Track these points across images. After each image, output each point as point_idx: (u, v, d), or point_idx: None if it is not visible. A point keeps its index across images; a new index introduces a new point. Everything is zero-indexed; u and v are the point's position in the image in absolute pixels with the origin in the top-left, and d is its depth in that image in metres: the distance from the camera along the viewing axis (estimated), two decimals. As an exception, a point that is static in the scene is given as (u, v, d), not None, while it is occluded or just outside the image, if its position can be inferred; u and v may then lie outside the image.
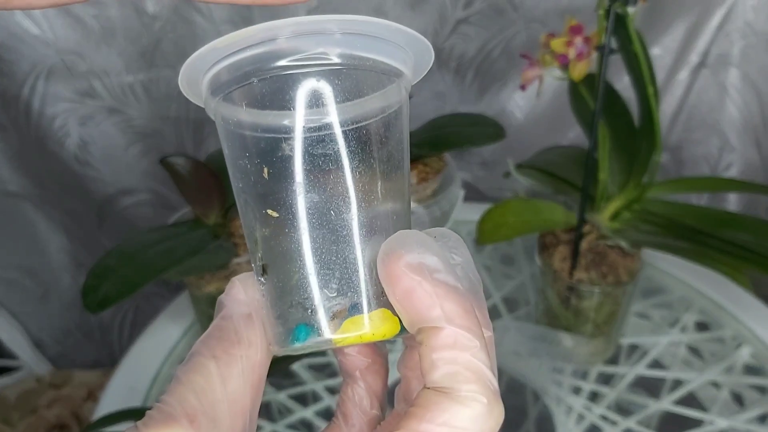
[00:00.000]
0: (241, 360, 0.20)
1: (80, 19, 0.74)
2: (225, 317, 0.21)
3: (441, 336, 0.18)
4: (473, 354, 0.18)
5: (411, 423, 0.18)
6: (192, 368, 0.19)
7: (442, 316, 0.18)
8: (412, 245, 0.20)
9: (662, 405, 0.58)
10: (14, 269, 0.91)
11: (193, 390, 0.19)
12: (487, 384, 0.18)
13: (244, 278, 0.22)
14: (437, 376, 0.18)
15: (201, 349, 0.20)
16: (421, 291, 0.19)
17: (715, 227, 0.56)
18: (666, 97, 0.85)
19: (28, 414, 0.88)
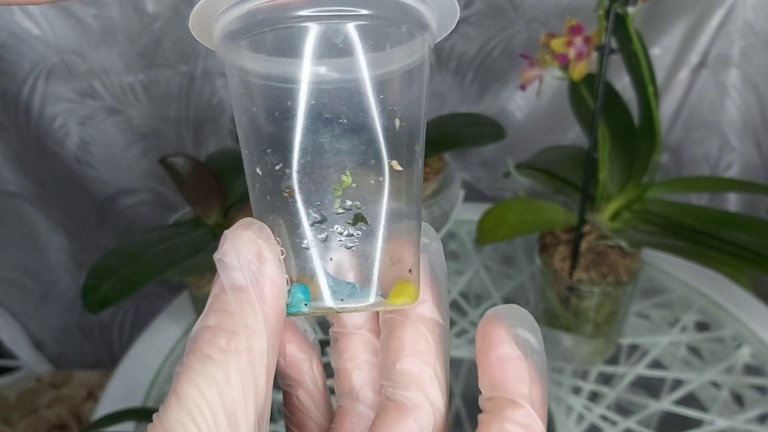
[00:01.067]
0: (238, 356, 0.18)
1: (80, 19, 0.74)
2: (217, 295, 0.18)
3: (519, 413, 0.19)
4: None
5: None
6: (186, 375, 0.17)
7: (528, 396, 0.19)
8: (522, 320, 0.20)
9: (662, 405, 0.58)
10: (14, 269, 0.91)
11: (188, 410, 0.17)
12: None
13: (234, 233, 0.19)
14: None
15: (194, 345, 0.18)
16: (520, 365, 0.19)
17: (715, 227, 0.56)
18: (666, 97, 0.85)
19: (28, 414, 0.88)
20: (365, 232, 0.19)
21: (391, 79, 0.20)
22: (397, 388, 0.21)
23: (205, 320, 0.18)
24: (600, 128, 0.54)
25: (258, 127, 0.20)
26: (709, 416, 0.57)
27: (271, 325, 0.18)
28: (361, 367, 0.23)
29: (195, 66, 0.80)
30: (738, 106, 0.84)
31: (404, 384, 0.21)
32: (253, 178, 0.20)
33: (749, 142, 0.86)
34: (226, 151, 0.67)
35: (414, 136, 0.21)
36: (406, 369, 0.21)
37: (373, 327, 0.23)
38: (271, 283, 0.18)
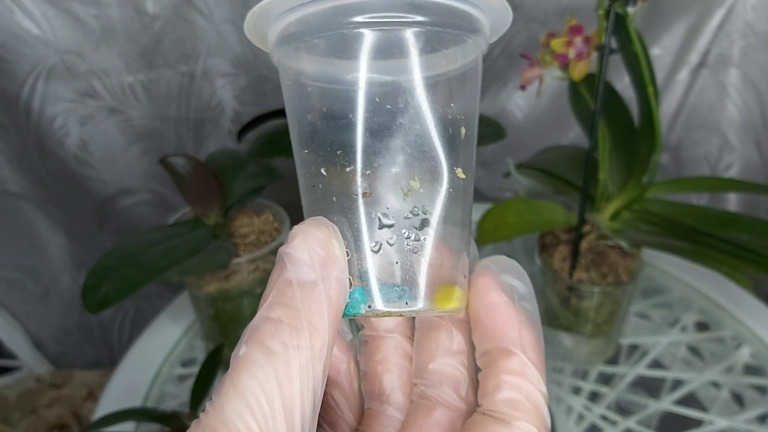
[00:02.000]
0: (300, 353, 0.17)
1: (80, 19, 0.74)
2: (286, 284, 0.18)
3: (512, 361, 0.19)
4: (537, 387, 0.19)
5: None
6: (245, 367, 0.17)
7: (518, 341, 0.19)
8: (508, 268, 0.20)
9: (662, 405, 0.58)
10: (14, 269, 0.91)
11: (247, 403, 0.17)
12: (544, 420, 0.19)
13: (306, 231, 0.19)
14: (499, 398, 0.18)
15: (255, 336, 0.18)
16: (507, 310, 0.19)
17: (715, 227, 0.56)
18: (666, 97, 0.85)
19: (28, 414, 0.88)
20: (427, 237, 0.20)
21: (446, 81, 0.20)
22: (429, 386, 0.21)
23: (269, 312, 0.18)
24: (600, 128, 0.54)
25: (322, 129, 0.20)
26: (709, 416, 0.57)
27: (332, 324, 0.18)
28: (392, 369, 0.23)
29: (195, 66, 0.80)
30: (738, 106, 0.84)
31: (437, 383, 0.21)
32: (314, 178, 0.20)
33: (749, 142, 0.86)
34: (226, 151, 0.67)
35: (474, 143, 0.21)
36: (439, 369, 0.21)
37: (403, 331, 0.23)
38: (338, 283, 0.18)
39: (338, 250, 0.19)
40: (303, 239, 0.18)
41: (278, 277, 0.18)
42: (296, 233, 0.19)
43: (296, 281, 0.18)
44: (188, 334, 0.65)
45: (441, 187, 0.20)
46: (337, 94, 0.19)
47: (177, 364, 0.62)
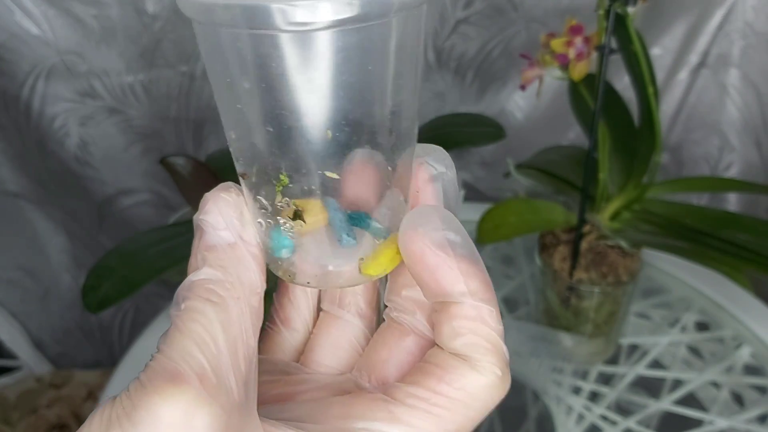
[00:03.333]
0: (237, 302, 0.18)
1: (80, 19, 0.74)
2: (209, 248, 0.19)
3: (464, 308, 0.19)
4: (493, 327, 0.19)
5: (430, 381, 0.19)
6: (188, 315, 0.18)
7: (466, 291, 0.19)
8: (435, 221, 0.19)
9: (662, 405, 0.58)
10: (14, 269, 0.91)
11: (194, 341, 0.17)
12: (503, 357, 0.19)
13: (216, 196, 0.20)
14: (458, 344, 0.19)
15: (192, 293, 0.18)
16: (446, 267, 0.19)
17: (715, 227, 0.56)
18: (666, 97, 0.85)
19: (29, 414, 0.88)
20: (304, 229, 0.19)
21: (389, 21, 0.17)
22: (403, 312, 0.21)
23: (200, 274, 0.19)
24: (600, 128, 0.54)
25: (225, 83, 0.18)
26: (709, 416, 0.57)
27: (260, 275, 0.20)
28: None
29: (195, 66, 0.80)
30: (738, 106, 0.84)
31: (410, 310, 0.21)
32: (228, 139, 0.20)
33: (749, 142, 0.86)
34: (226, 151, 0.67)
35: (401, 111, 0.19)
36: (414, 296, 0.21)
37: None
38: (252, 238, 0.20)
39: (246, 211, 0.20)
40: (214, 204, 0.20)
41: (199, 243, 0.19)
42: (207, 199, 0.20)
43: (218, 244, 0.19)
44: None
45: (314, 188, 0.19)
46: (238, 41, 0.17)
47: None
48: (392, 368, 0.21)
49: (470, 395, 0.19)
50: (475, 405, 0.19)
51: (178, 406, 0.16)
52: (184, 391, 0.17)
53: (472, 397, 0.19)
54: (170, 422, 0.16)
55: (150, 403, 0.16)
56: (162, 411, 0.16)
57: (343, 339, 0.23)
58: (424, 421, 0.18)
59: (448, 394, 0.18)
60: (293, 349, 0.24)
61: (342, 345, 0.23)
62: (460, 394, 0.18)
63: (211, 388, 0.17)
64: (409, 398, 0.19)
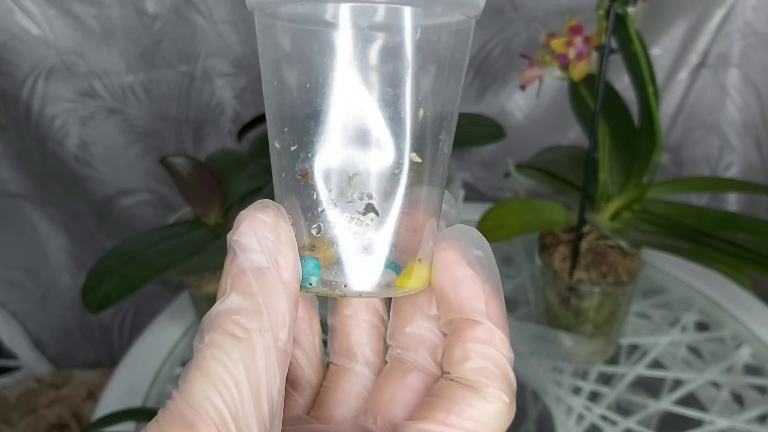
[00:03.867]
0: (263, 335, 0.17)
1: (80, 20, 0.74)
2: (240, 273, 0.18)
3: (479, 330, 0.19)
4: (504, 354, 0.19)
5: (439, 415, 0.18)
6: (211, 352, 0.17)
7: (484, 311, 0.19)
8: (471, 238, 0.20)
9: (662, 405, 0.58)
10: (14, 269, 0.91)
11: (214, 385, 0.17)
12: (510, 385, 0.19)
13: (252, 216, 0.19)
14: (468, 366, 0.19)
15: (219, 324, 0.18)
16: (472, 283, 0.19)
17: (715, 227, 0.56)
18: (666, 97, 0.85)
19: (29, 414, 0.88)
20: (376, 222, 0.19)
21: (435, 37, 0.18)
22: (405, 349, 0.21)
23: (226, 301, 0.18)
24: (600, 128, 0.54)
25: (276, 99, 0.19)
26: (709, 416, 0.57)
27: (290, 304, 0.18)
28: (362, 325, 0.23)
29: (195, 66, 0.80)
30: (738, 107, 0.84)
31: (413, 347, 0.21)
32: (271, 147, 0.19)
33: (749, 142, 0.86)
34: (226, 151, 0.67)
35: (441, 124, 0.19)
36: (416, 333, 0.21)
37: None
38: (289, 263, 0.19)
39: (286, 232, 0.19)
40: (249, 224, 0.18)
41: (230, 265, 0.18)
42: (242, 219, 0.19)
43: (249, 268, 0.18)
44: (188, 334, 0.65)
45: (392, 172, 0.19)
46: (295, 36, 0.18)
47: (177, 364, 0.62)
48: (398, 408, 0.21)
49: (480, 424, 0.18)
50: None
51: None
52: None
53: (482, 426, 0.18)
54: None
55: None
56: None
57: (353, 390, 0.23)
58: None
59: (458, 425, 0.18)
60: (304, 406, 0.23)
61: (351, 396, 0.23)
62: (469, 425, 0.18)
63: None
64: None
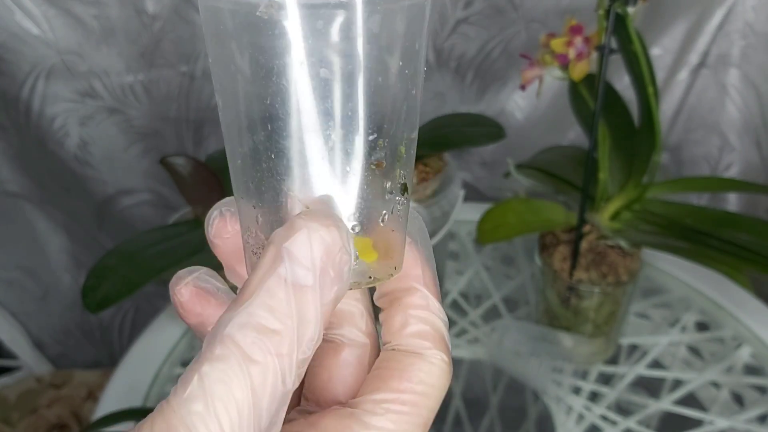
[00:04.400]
0: (280, 360, 0.16)
1: (80, 20, 0.74)
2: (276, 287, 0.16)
3: (416, 296, 0.20)
4: (440, 318, 0.20)
5: (392, 383, 0.20)
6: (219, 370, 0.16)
7: (421, 278, 0.20)
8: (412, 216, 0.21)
9: (662, 405, 0.58)
10: (14, 269, 0.91)
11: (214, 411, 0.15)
12: (447, 346, 0.20)
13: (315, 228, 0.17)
14: (408, 331, 0.20)
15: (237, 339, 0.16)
16: (410, 251, 0.20)
17: (715, 227, 0.56)
18: (666, 97, 0.85)
19: (29, 414, 0.88)
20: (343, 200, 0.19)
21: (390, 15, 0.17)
22: (332, 328, 0.22)
23: (253, 313, 0.16)
24: (600, 128, 0.54)
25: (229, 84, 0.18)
26: (709, 416, 0.57)
27: (320, 328, 0.17)
28: None
29: (195, 66, 0.80)
30: (738, 107, 0.84)
31: (338, 324, 0.22)
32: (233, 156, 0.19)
33: (749, 142, 0.86)
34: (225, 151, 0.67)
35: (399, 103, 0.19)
36: (336, 310, 0.21)
37: None
38: (334, 287, 0.17)
39: (341, 253, 0.17)
40: (307, 237, 0.17)
41: (269, 270, 0.17)
42: (300, 227, 0.17)
43: (291, 282, 0.16)
44: (188, 334, 0.65)
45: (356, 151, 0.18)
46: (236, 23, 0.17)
47: (177, 364, 0.62)
48: (338, 386, 0.21)
49: (428, 386, 0.20)
50: (433, 393, 0.20)
51: None
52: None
53: (431, 388, 0.20)
54: None
55: None
56: None
57: None
58: (395, 423, 0.19)
59: (411, 390, 0.19)
60: None
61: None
62: (421, 388, 0.19)
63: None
64: (378, 406, 0.19)
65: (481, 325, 0.67)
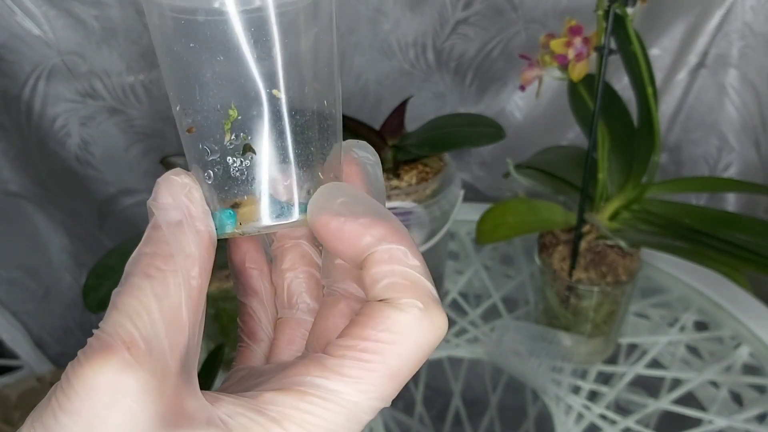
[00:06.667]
0: (175, 275, 0.19)
1: (81, 20, 0.74)
2: (154, 227, 0.20)
3: (376, 254, 0.20)
4: (408, 265, 0.20)
5: (355, 330, 0.19)
6: (126, 291, 0.19)
7: (372, 241, 0.20)
8: (336, 196, 0.21)
9: (661, 404, 0.58)
10: (15, 269, 0.91)
11: (128, 315, 0.18)
12: (426, 291, 0.20)
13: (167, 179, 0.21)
14: (377, 289, 0.20)
15: (133, 269, 0.20)
16: (348, 229, 0.20)
17: (714, 227, 0.56)
18: (665, 98, 0.86)
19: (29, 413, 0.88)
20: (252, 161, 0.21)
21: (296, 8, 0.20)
22: (334, 282, 0.23)
23: (143, 248, 0.20)
24: (599, 128, 0.55)
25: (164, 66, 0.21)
26: (708, 416, 0.57)
27: (204, 251, 0.20)
28: (299, 276, 0.25)
29: (195, 66, 0.80)
30: (737, 107, 0.85)
31: (341, 277, 0.23)
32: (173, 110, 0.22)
33: (748, 143, 0.86)
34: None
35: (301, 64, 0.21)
36: (341, 264, 0.23)
37: (310, 238, 0.25)
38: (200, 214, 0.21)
39: (194, 189, 0.21)
40: (165, 187, 0.21)
41: (150, 225, 0.21)
42: (158, 184, 0.21)
43: (164, 222, 0.20)
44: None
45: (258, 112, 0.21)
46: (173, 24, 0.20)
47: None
48: (332, 334, 0.22)
49: (397, 335, 0.19)
50: (404, 344, 0.19)
51: (106, 374, 0.18)
52: (110, 358, 0.18)
53: (400, 337, 0.19)
54: (99, 389, 0.17)
55: (81, 375, 0.18)
56: (91, 380, 0.18)
57: (296, 335, 0.25)
58: (356, 369, 0.19)
59: (373, 338, 0.19)
60: (262, 356, 0.25)
61: (296, 340, 0.25)
62: (385, 336, 0.19)
63: (140, 355, 0.18)
64: (340, 350, 0.19)
65: (480, 325, 0.67)
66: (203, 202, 0.21)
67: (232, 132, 0.21)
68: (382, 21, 0.82)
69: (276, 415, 0.19)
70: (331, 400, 0.19)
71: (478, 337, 0.66)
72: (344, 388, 0.19)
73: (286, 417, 0.19)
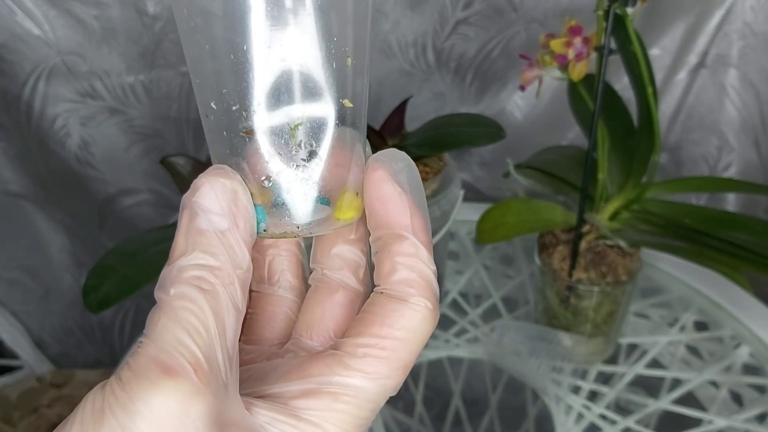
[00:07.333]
0: (224, 288, 0.19)
1: (81, 20, 0.74)
2: (199, 232, 0.19)
3: (405, 244, 0.21)
4: (428, 266, 0.21)
5: (373, 328, 0.20)
6: (181, 303, 0.18)
7: (410, 227, 0.21)
8: (400, 162, 0.22)
9: (661, 404, 0.58)
10: (15, 269, 0.91)
11: (187, 332, 0.18)
12: (435, 293, 0.21)
13: (214, 181, 0.20)
14: (395, 278, 0.21)
15: (183, 276, 0.19)
16: (400, 200, 0.21)
17: (714, 227, 0.56)
18: (665, 98, 0.86)
19: (29, 413, 0.88)
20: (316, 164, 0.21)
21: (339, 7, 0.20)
22: (330, 269, 0.24)
23: (190, 259, 0.19)
24: (599, 128, 0.55)
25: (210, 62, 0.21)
26: (708, 416, 0.57)
27: (247, 264, 0.20)
28: (282, 254, 0.25)
29: (195, 66, 0.80)
30: (737, 107, 0.85)
31: (338, 267, 0.23)
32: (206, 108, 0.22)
33: (748, 143, 0.86)
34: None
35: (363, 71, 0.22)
36: (340, 254, 0.23)
37: None
38: (247, 225, 0.20)
39: (243, 195, 0.20)
40: (210, 188, 0.20)
41: (189, 226, 0.20)
42: (202, 182, 0.20)
43: (208, 229, 0.19)
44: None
45: (328, 120, 0.21)
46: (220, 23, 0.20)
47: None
48: (329, 322, 0.23)
49: (410, 331, 0.20)
50: (415, 339, 0.21)
51: (175, 398, 0.17)
52: (180, 383, 0.17)
53: (412, 333, 0.21)
54: (167, 413, 0.17)
55: (146, 395, 0.17)
56: (158, 403, 0.17)
57: (278, 312, 0.25)
58: (375, 366, 0.20)
59: (392, 336, 0.20)
60: None
61: (278, 318, 0.25)
62: (401, 333, 0.20)
63: (204, 378, 0.17)
64: (359, 348, 0.20)
65: (480, 325, 0.67)
66: (251, 206, 0.21)
67: (298, 137, 0.21)
68: (382, 21, 0.82)
69: (315, 419, 0.20)
70: (360, 397, 0.20)
71: (478, 337, 0.66)
72: (369, 384, 0.20)
73: (326, 419, 0.20)
